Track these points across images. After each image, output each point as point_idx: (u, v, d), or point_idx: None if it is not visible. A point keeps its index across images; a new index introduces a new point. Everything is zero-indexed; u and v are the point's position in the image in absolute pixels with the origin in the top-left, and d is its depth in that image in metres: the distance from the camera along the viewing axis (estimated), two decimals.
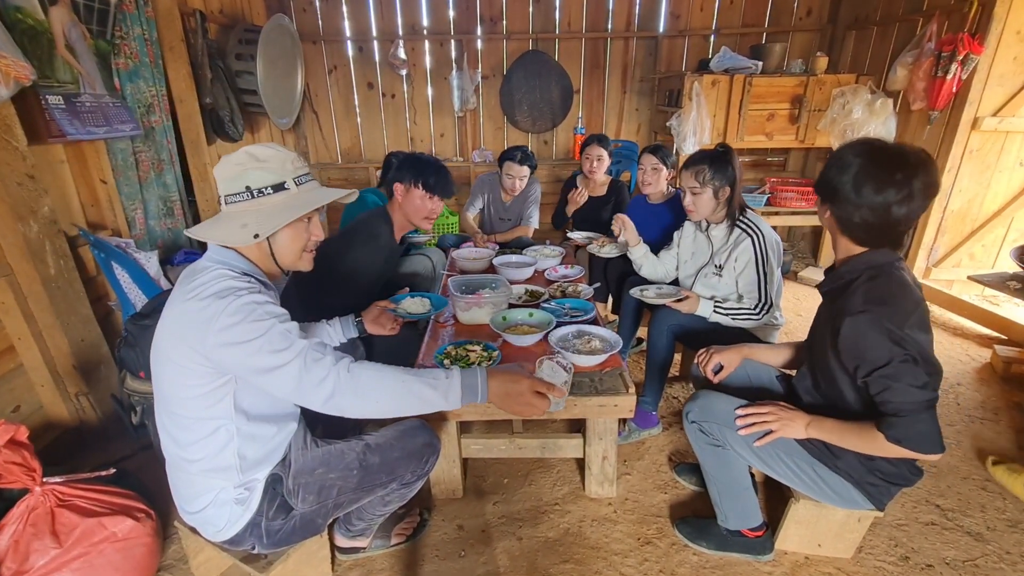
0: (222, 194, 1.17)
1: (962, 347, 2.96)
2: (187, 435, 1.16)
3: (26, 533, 1.34)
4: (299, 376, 1.06)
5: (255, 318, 1.05)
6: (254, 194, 1.16)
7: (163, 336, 1.12)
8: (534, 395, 1.18)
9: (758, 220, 2.01)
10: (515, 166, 3.02)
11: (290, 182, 1.18)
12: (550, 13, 4.42)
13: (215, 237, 1.16)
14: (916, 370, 1.16)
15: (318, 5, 4.38)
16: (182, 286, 1.12)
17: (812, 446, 1.40)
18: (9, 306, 1.90)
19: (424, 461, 1.40)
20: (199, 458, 1.17)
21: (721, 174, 1.97)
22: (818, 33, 4.38)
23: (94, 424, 2.14)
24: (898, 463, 1.35)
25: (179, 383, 1.11)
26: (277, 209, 1.17)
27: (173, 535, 1.69)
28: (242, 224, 1.14)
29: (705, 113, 3.65)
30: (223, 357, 1.05)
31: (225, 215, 1.18)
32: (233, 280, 1.10)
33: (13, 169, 1.81)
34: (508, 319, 2.00)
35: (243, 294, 1.07)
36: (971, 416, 2.34)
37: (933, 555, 1.64)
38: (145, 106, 2.53)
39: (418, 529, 1.72)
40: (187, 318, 1.07)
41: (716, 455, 1.52)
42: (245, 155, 1.16)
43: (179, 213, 2.76)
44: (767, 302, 1.95)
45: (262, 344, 1.04)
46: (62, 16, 2.05)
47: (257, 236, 1.12)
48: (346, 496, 1.32)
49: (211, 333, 1.03)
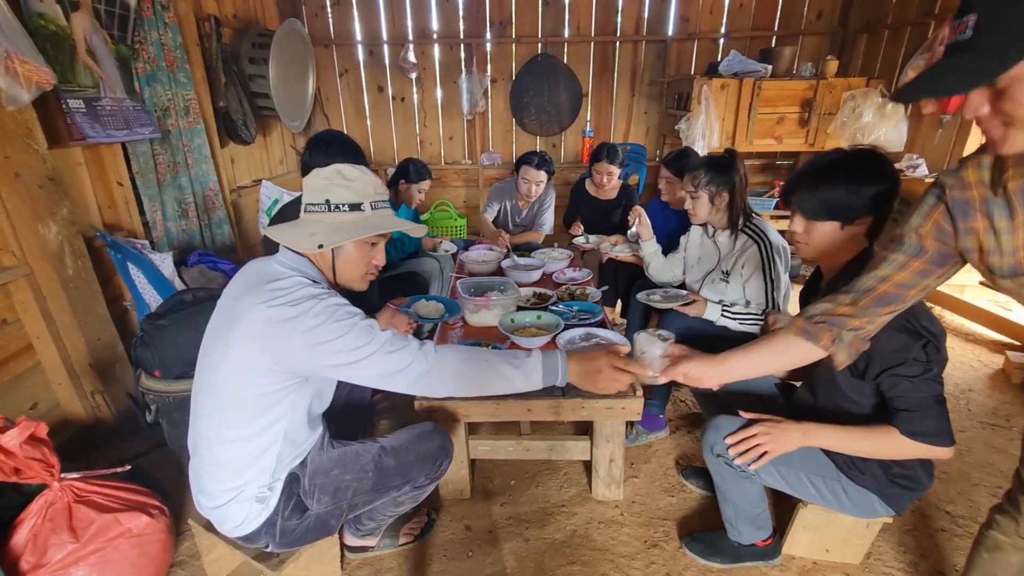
0: (305, 201, 1.24)
1: (974, 353, 2.93)
2: (234, 432, 1.18)
3: (44, 528, 1.37)
4: (386, 362, 1.12)
5: (338, 317, 1.11)
6: (331, 208, 1.22)
7: (231, 333, 1.13)
8: (614, 371, 1.19)
9: (765, 226, 2.01)
10: (532, 170, 3.00)
11: (367, 205, 1.24)
12: (559, 17, 4.44)
13: (284, 238, 1.22)
14: (929, 365, 1.18)
15: (330, 9, 4.43)
16: (256, 289, 1.14)
17: (841, 460, 1.38)
18: (28, 305, 1.94)
19: (438, 465, 1.42)
20: (239, 455, 1.20)
21: (719, 179, 1.98)
22: (828, 36, 4.37)
23: (109, 422, 2.18)
24: (913, 466, 1.34)
25: (242, 381, 1.14)
26: (347, 226, 1.22)
27: (186, 532, 1.72)
28: (311, 233, 1.20)
29: (714, 116, 3.64)
30: (308, 357, 1.10)
31: (301, 222, 1.25)
32: (311, 287, 1.16)
33: (34, 172, 1.86)
34: (516, 321, 2.02)
35: (324, 298, 1.13)
36: (983, 423, 2.32)
37: (942, 561, 1.63)
38: (162, 109, 2.58)
39: (426, 529, 1.74)
40: (268, 321, 1.10)
41: (739, 484, 1.49)
42: (334, 171, 1.23)
43: (193, 215, 2.81)
44: (775, 308, 1.95)
45: (349, 340, 1.10)
46: (84, 22, 2.10)
47: (321, 246, 1.19)
48: (360, 498, 1.34)
49: (297, 335, 1.08)
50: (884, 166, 1.27)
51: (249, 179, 3.63)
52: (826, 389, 1.40)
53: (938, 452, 1.23)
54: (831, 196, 1.29)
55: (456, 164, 4.85)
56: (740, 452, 1.36)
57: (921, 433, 1.21)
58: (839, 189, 1.28)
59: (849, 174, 1.28)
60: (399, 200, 2.86)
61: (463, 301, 2.06)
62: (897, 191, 1.27)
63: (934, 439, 1.21)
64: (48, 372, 2.06)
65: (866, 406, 1.33)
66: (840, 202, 1.28)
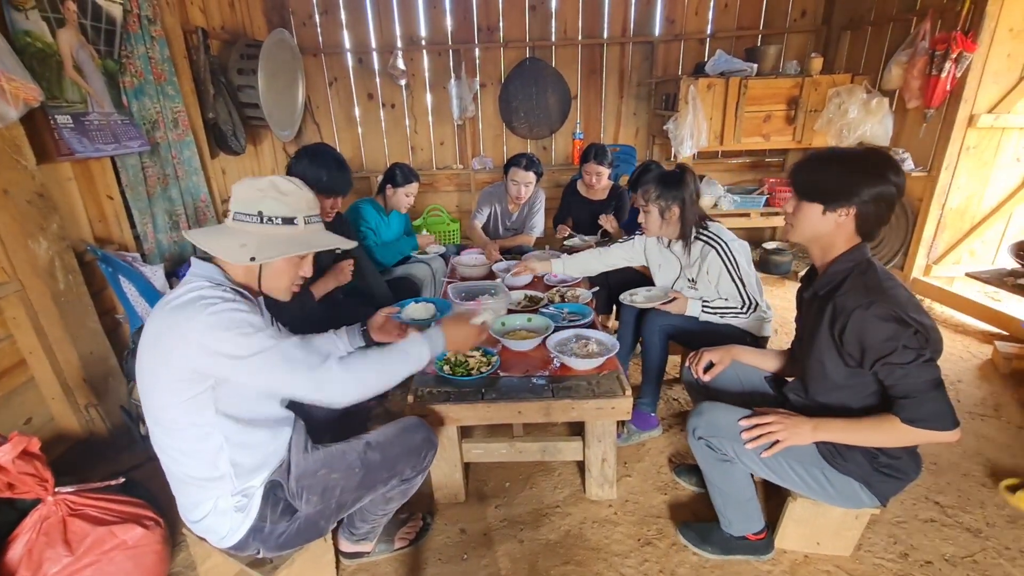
0: (233, 209, 1.22)
1: (963, 344, 2.96)
2: (179, 444, 1.20)
3: (39, 542, 1.37)
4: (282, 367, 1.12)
5: (234, 325, 1.10)
6: (263, 220, 1.21)
7: (144, 349, 1.16)
8: (475, 329, 1.47)
9: (719, 230, 2.07)
10: (520, 171, 3.01)
11: (300, 219, 1.24)
12: (546, 21, 4.47)
13: (213, 247, 1.20)
14: (922, 351, 1.21)
15: (318, 19, 4.45)
16: (161, 300, 1.18)
17: (824, 448, 1.40)
18: (21, 321, 1.95)
19: (423, 456, 1.44)
20: (193, 468, 1.21)
21: (668, 194, 2.02)
22: (813, 34, 4.41)
23: (103, 435, 2.19)
24: (900, 456, 1.36)
25: (162, 392, 1.15)
26: (279, 240, 1.21)
27: (182, 542, 1.73)
28: (241, 244, 1.18)
29: (701, 116, 3.68)
30: (204, 362, 1.10)
31: (228, 229, 1.23)
32: (209, 290, 1.15)
33: (23, 188, 1.87)
34: (507, 324, 2.03)
35: (217, 303, 1.11)
36: (972, 413, 2.34)
37: (932, 551, 1.65)
38: (151, 122, 2.59)
39: (421, 533, 1.75)
40: (163, 328, 1.12)
41: (722, 469, 1.52)
42: (269, 184, 1.22)
43: (184, 226, 2.82)
44: (750, 304, 2.00)
45: (243, 345, 1.10)
46: (70, 38, 2.11)
47: (253, 259, 1.17)
48: (349, 495, 1.35)
49: (189, 345, 1.08)
50: (883, 167, 1.27)
51: None
52: (817, 382, 1.42)
53: (942, 436, 1.25)
54: (822, 178, 1.32)
55: (447, 169, 4.87)
56: (754, 437, 1.40)
57: (919, 419, 1.24)
58: (832, 173, 1.31)
59: (847, 164, 1.30)
60: (388, 206, 2.88)
61: (454, 306, 2.07)
62: (893, 196, 1.27)
63: (933, 424, 1.24)
64: (42, 387, 2.06)
65: (862, 396, 1.36)
66: (827, 186, 1.31)
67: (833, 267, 1.35)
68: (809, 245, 1.41)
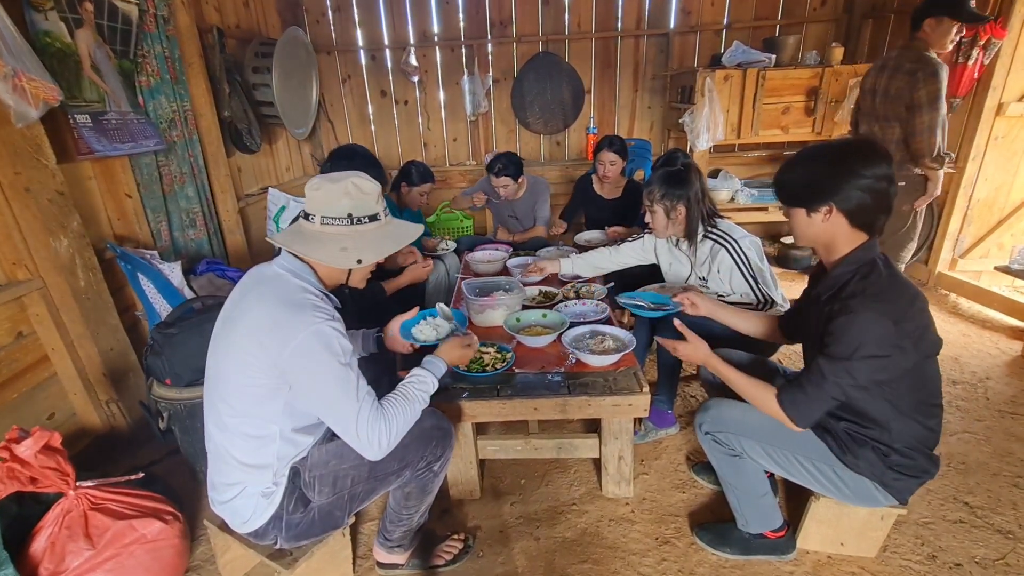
0: (319, 214, 1.26)
1: (991, 340, 2.87)
2: (238, 426, 1.23)
3: (61, 535, 1.39)
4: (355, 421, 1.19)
5: (330, 349, 1.16)
6: (354, 221, 1.26)
7: (235, 328, 1.20)
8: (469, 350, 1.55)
9: (729, 227, 2.02)
10: (494, 178, 3.03)
11: (381, 214, 1.31)
12: (560, 14, 4.42)
13: (316, 255, 1.25)
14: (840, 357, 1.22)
15: (331, 16, 4.45)
16: (261, 287, 1.24)
17: (834, 444, 1.38)
18: (43, 318, 1.98)
19: (435, 446, 1.42)
20: (242, 452, 1.25)
21: (673, 194, 1.98)
22: (833, 23, 4.29)
23: (123, 430, 2.22)
24: (912, 453, 1.33)
25: (242, 373, 1.19)
26: (375, 238, 1.29)
27: (201, 536, 1.74)
28: (341, 247, 1.25)
29: (718, 109, 3.61)
30: (290, 369, 1.16)
31: (320, 235, 1.27)
32: (316, 299, 1.21)
33: (44, 186, 1.89)
34: (522, 320, 2.02)
35: (325, 319, 1.17)
36: (1001, 411, 2.26)
37: (962, 553, 1.60)
38: (167, 121, 2.61)
39: (460, 555, 1.66)
40: (268, 323, 1.16)
41: (732, 464, 1.51)
42: (352, 185, 1.26)
43: (201, 224, 2.84)
44: (766, 301, 1.95)
45: (330, 378, 1.17)
46: (87, 38, 2.13)
47: (360, 262, 1.26)
48: (361, 486, 1.36)
49: (289, 345, 1.13)
50: (850, 157, 1.22)
51: (256, 187, 3.67)
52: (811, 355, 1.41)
53: (791, 424, 1.32)
54: (792, 181, 1.32)
55: (461, 165, 4.86)
56: None
57: (785, 400, 1.31)
58: (799, 175, 1.30)
59: (811, 163, 1.28)
60: (402, 204, 2.87)
61: (469, 302, 2.06)
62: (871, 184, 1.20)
63: (789, 409, 1.30)
64: (64, 382, 2.09)
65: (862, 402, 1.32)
66: (798, 189, 1.30)
67: (837, 269, 1.31)
68: (813, 247, 1.38)
